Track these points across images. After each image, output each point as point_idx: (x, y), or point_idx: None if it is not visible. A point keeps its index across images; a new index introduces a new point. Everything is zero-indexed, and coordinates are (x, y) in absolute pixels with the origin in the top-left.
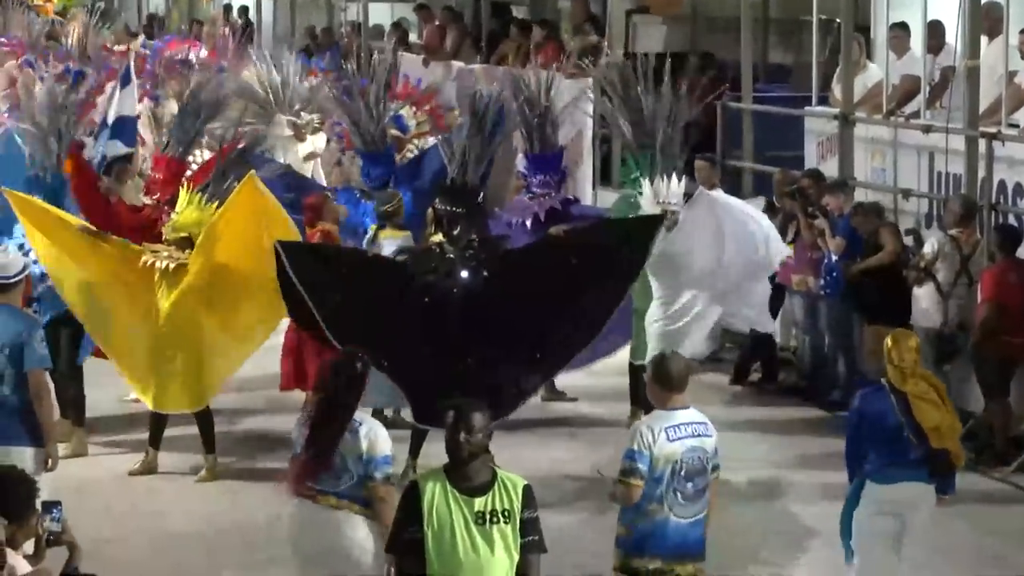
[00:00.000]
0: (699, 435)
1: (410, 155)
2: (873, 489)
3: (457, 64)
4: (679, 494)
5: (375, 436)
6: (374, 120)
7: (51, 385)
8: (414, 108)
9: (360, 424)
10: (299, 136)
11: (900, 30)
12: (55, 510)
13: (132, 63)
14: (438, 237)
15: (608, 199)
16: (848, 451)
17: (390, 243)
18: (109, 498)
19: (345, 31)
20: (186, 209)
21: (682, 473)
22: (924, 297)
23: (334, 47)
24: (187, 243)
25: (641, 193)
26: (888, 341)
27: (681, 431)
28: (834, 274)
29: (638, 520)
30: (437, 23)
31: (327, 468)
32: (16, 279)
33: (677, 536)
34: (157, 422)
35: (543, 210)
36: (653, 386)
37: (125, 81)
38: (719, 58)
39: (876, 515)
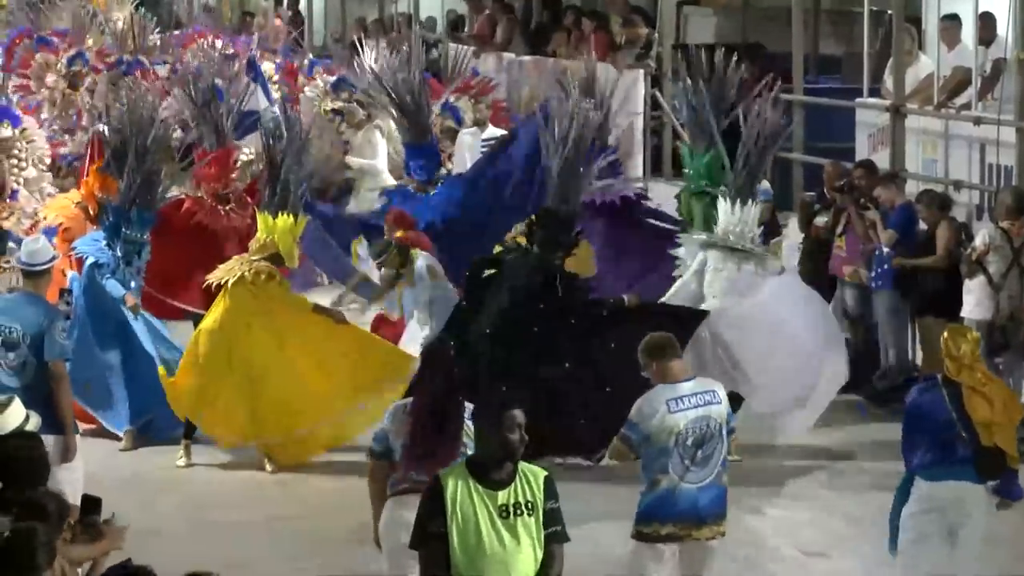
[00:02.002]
0: (707, 403)
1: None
2: (921, 486)
3: (507, 56)
4: (687, 461)
5: None
6: (418, 111)
7: None
8: (472, 100)
9: (471, 410)
10: (353, 124)
11: (951, 21)
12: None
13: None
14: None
15: (659, 190)
16: (904, 444)
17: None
18: (159, 491)
19: (396, 22)
20: (274, 224)
21: (688, 442)
22: (976, 289)
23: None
24: (278, 260)
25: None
26: (945, 334)
27: (684, 403)
28: (886, 266)
29: (648, 490)
30: (487, 14)
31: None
32: (44, 267)
33: (686, 502)
34: None
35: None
36: (650, 364)
37: (256, 76)
38: (770, 49)
39: (922, 513)
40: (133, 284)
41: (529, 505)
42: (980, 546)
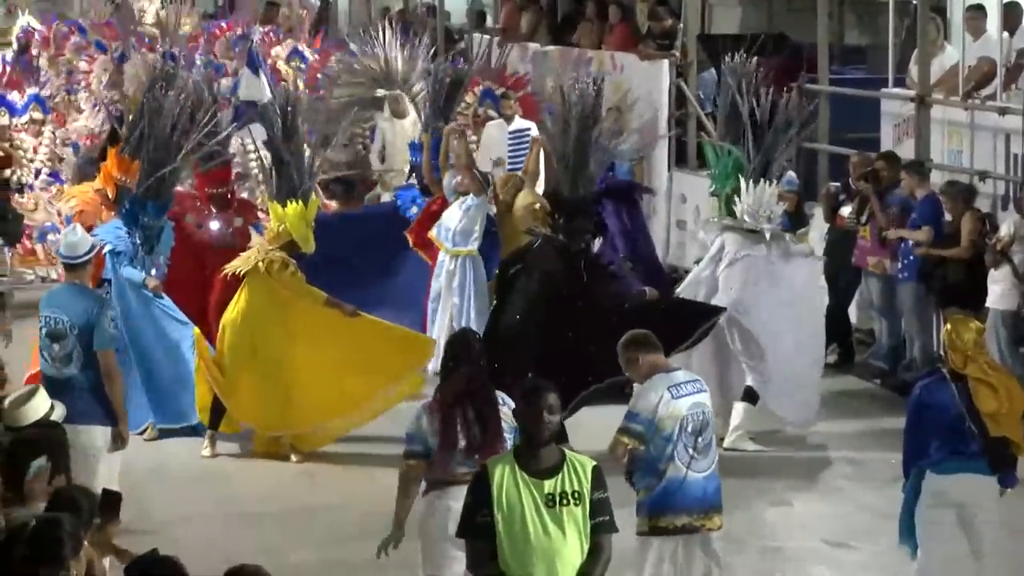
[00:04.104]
0: (699, 391)
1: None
2: (933, 480)
3: (532, 46)
4: (690, 449)
5: None
6: (446, 107)
7: None
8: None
9: (503, 398)
10: (398, 113)
11: (976, 11)
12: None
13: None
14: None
15: (684, 180)
16: (906, 443)
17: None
18: (184, 481)
19: (420, 13)
20: (284, 212)
21: (689, 429)
22: (1001, 280)
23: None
24: (294, 247)
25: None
26: (948, 325)
27: (683, 389)
28: (911, 257)
29: (655, 481)
30: (513, 4)
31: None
32: (85, 258)
33: (696, 491)
34: (217, 404)
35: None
36: (635, 359)
37: (252, 65)
38: (795, 39)
39: (936, 507)
40: (154, 272)
41: (576, 495)
42: (996, 534)
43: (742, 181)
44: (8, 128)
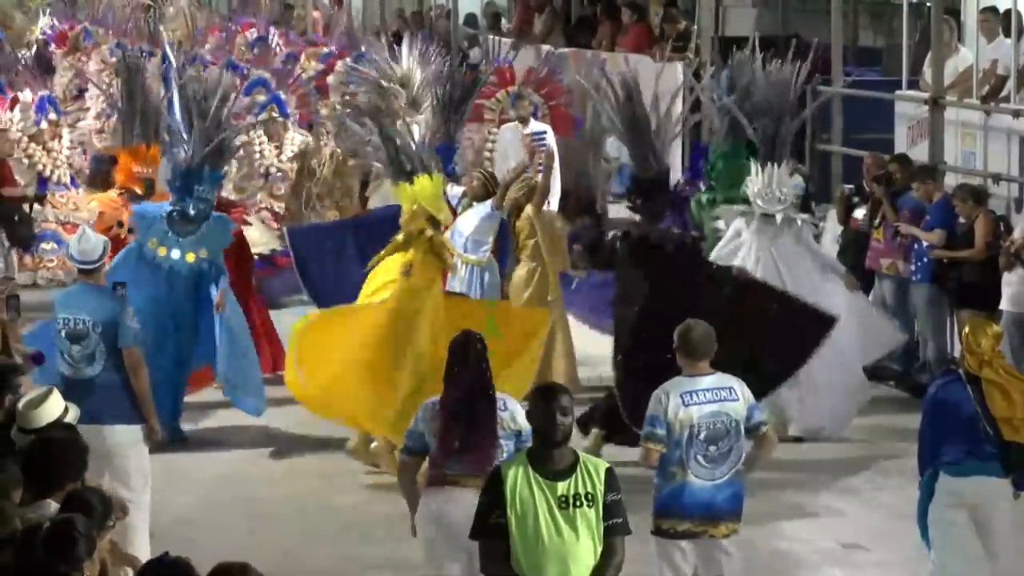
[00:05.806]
0: (722, 400)
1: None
2: (946, 482)
3: (546, 48)
4: (700, 457)
5: (518, 410)
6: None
7: None
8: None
9: (504, 402)
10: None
11: (990, 13)
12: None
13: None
14: None
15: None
16: (921, 444)
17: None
18: (203, 482)
19: (434, 15)
20: (413, 191)
21: (700, 437)
22: (1014, 282)
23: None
24: (433, 223)
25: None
26: (967, 328)
27: (698, 396)
28: (925, 259)
29: (663, 484)
30: (526, 5)
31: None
32: (98, 264)
33: (702, 498)
34: None
35: None
36: (679, 354)
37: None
38: (809, 41)
39: (950, 507)
40: (177, 253)
41: (589, 497)
42: (1011, 535)
43: (753, 166)
44: (43, 132)
